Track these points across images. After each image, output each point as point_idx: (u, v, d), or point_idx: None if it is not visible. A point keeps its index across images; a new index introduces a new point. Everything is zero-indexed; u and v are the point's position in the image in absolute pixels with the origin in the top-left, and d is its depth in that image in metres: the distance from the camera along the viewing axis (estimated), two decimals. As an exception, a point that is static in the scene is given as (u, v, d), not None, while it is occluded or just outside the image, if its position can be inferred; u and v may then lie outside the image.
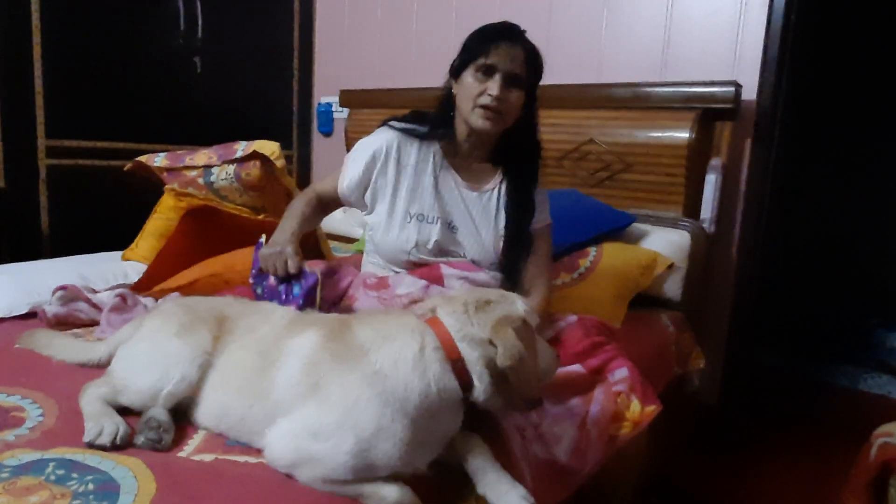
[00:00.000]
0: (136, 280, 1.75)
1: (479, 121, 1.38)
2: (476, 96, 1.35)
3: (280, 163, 1.79)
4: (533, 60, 1.37)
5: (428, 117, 1.49)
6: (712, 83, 2.14)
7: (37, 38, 2.44)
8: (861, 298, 3.51)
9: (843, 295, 3.49)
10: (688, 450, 2.24)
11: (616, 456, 1.40)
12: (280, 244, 1.36)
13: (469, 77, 1.37)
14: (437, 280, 1.42)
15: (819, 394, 3.01)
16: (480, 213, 1.47)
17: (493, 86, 1.33)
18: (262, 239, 1.43)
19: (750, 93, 2.18)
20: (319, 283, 1.31)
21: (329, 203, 1.58)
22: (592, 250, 2.05)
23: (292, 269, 1.32)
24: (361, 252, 1.72)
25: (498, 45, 1.34)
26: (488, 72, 1.34)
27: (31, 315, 1.60)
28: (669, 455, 2.07)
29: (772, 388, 3.03)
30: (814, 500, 1.99)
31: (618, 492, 1.69)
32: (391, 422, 0.91)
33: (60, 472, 0.91)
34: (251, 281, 1.43)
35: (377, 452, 0.91)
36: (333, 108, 3.45)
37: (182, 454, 1.00)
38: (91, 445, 0.98)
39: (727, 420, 2.42)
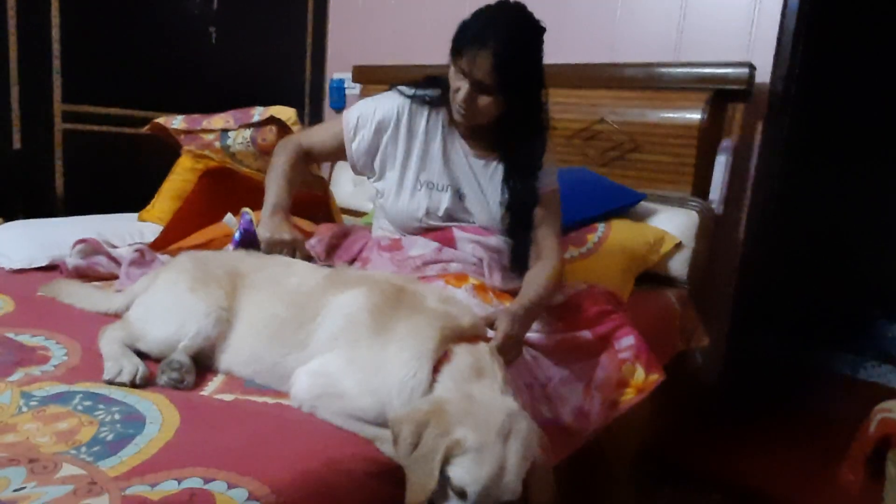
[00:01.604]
0: (152, 239, 1.78)
1: (456, 115, 1.39)
2: (454, 91, 1.35)
3: (296, 128, 1.81)
4: (502, 68, 1.26)
5: (441, 82, 1.46)
6: (726, 64, 2.14)
7: (55, 4, 2.46)
8: (863, 288, 3.52)
9: (845, 284, 3.50)
10: (686, 427, 2.27)
11: (619, 423, 1.43)
12: (285, 232, 1.34)
13: (452, 71, 1.35)
14: (450, 243, 1.44)
15: (819, 381, 3.04)
16: (488, 181, 1.47)
17: (463, 90, 1.32)
18: (249, 214, 1.41)
19: (764, 75, 2.18)
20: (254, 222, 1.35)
21: (317, 157, 1.55)
22: (601, 226, 2.07)
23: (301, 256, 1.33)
24: (370, 225, 1.73)
25: (468, 50, 1.28)
26: (462, 73, 1.32)
27: (50, 268, 1.64)
28: (668, 430, 2.11)
29: (772, 373, 3.05)
30: (808, 481, 2.02)
31: (619, 458, 1.72)
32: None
33: (87, 403, 0.95)
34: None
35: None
36: (346, 85, 3.46)
37: (203, 393, 1.04)
38: (111, 384, 1.02)
39: (727, 401, 2.45)
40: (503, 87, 1.30)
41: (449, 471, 0.86)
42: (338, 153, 1.53)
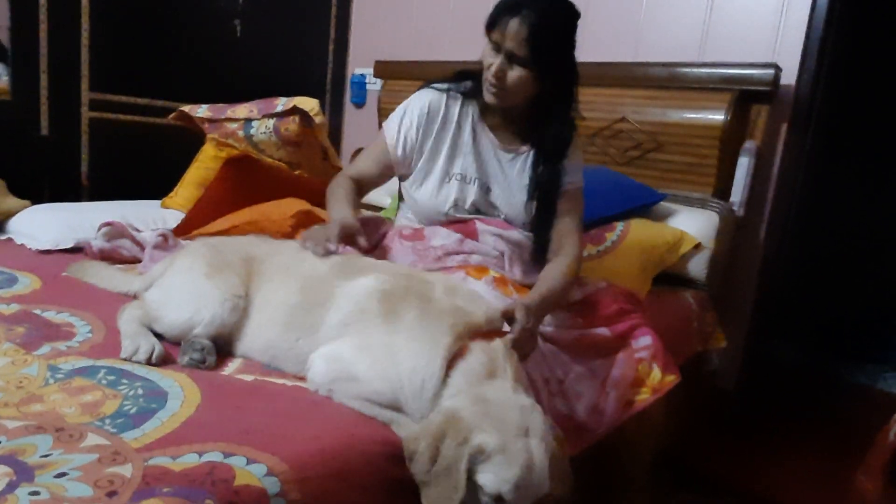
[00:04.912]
0: (175, 225, 1.81)
1: (486, 94, 1.37)
2: (486, 69, 1.34)
3: (318, 119, 1.83)
4: (538, 38, 1.25)
5: (473, 75, 1.47)
6: (751, 65, 2.12)
7: (86, -5, 2.51)
8: (885, 297, 3.46)
9: (865, 293, 3.45)
10: (703, 431, 2.26)
11: (634, 424, 1.42)
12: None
13: (486, 49, 1.34)
14: (472, 235, 1.44)
15: (837, 389, 2.99)
16: (514, 174, 1.47)
17: (495, 64, 1.30)
18: None
19: (789, 77, 2.16)
20: None
21: (366, 185, 1.52)
22: (619, 225, 2.06)
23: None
24: (390, 220, 1.73)
25: (502, 20, 1.27)
26: (496, 47, 1.31)
27: (76, 250, 1.67)
28: (684, 434, 2.09)
29: (789, 380, 3.01)
30: (823, 489, 1.99)
31: (634, 460, 1.71)
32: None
33: (111, 377, 0.97)
34: None
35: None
36: (367, 80, 3.48)
37: (224, 373, 1.05)
38: (128, 361, 1.04)
39: (743, 407, 2.43)
40: (535, 59, 1.29)
41: (478, 479, 0.84)
42: (386, 171, 1.50)
